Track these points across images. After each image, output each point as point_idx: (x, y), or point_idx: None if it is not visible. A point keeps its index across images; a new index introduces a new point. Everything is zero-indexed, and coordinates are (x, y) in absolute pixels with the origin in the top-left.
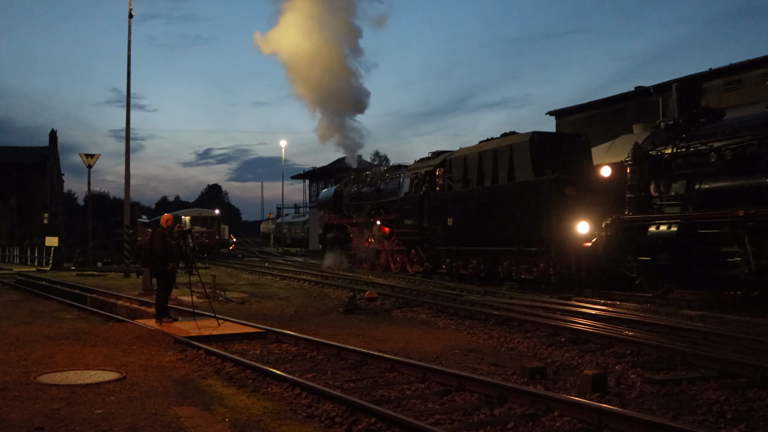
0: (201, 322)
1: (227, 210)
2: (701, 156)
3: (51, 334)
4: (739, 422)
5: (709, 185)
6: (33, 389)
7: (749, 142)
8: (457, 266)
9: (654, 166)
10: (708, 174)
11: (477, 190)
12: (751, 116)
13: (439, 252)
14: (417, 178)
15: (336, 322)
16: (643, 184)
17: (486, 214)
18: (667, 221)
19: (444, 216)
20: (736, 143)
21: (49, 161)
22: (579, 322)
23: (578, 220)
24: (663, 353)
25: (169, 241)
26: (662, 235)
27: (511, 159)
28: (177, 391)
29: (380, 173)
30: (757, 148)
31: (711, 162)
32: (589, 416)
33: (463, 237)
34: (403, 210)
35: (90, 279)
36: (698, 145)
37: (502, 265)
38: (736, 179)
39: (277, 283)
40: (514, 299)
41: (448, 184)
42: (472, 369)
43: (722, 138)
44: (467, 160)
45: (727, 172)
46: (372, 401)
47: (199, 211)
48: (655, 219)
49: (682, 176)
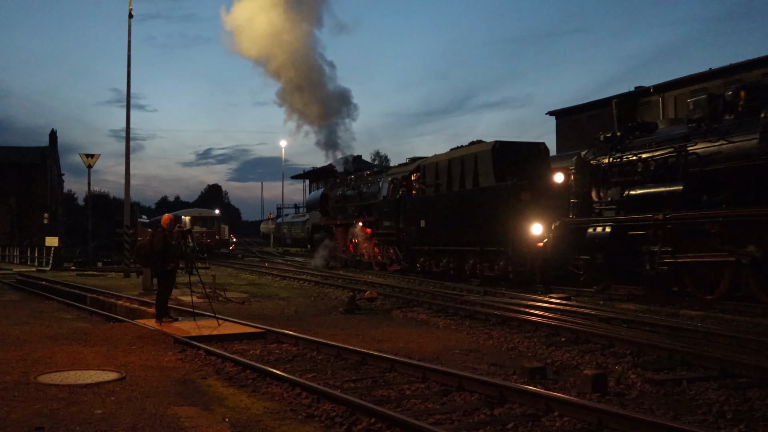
0: (201, 322)
1: (227, 210)
2: (632, 165)
3: (51, 334)
4: (739, 422)
5: (636, 191)
6: (33, 389)
7: (670, 153)
8: (430, 264)
9: (594, 175)
10: (636, 182)
11: (446, 195)
12: (673, 130)
13: (414, 251)
14: (394, 183)
15: (336, 322)
16: (585, 191)
17: (453, 216)
18: (602, 224)
19: (418, 218)
20: (660, 155)
21: (49, 161)
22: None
23: (532, 222)
24: (663, 353)
25: (170, 241)
26: (598, 236)
27: (476, 166)
28: (177, 391)
29: (363, 177)
30: (676, 159)
31: (639, 171)
32: (589, 416)
33: (435, 237)
34: (382, 212)
35: (90, 279)
36: (630, 156)
37: (468, 264)
38: (658, 186)
39: (277, 283)
40: (515, 299)
41: (421, 188)
42: (472, 369)
43: (649, 150)
44: (438, 166)
45: (652, 180)
46: (372, 401)
47: (199, 211)
48: (592, 222)
49: (616, 183)
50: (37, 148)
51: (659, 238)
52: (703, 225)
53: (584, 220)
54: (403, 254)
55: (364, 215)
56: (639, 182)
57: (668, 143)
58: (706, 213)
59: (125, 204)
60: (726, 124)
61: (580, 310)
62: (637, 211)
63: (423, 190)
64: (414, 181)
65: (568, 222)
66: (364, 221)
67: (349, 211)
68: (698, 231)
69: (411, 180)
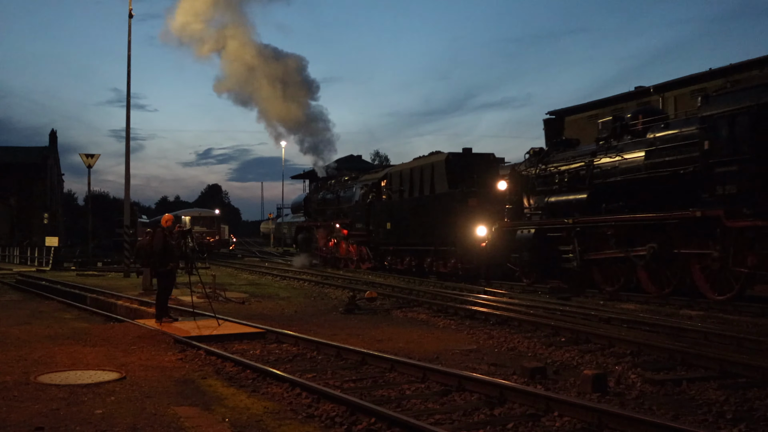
0: (201, 322)
1: (227, 210)
2: (552, 177)
3: (51, 334)
4: (739, 422)
5: (554, 199)
6: (33, 389)
7: (580, 167)
8: (395, 262)
9: (524, 184)
10: (555, 191)
11: (407, 200)
12: (586, 147)
13: (382, 251)
14: (366, 188)
15: (336, 322)
16: (517, 198)
17: (414, 219)
18: (528, 227)
19: (384, 221)
20: (573, 168)
21: (49, 161)
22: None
23: (478, 224)
24: (663, 353)
25: (170, 241)
26: (525, 237)
27: (433, 175)
28: (177, 391)
29: (341, 182)
30: (585, 172)
31: (557, 182)
32: (589, 416)
33: (398, 238)
34: (355, 215)
35: (90, 279)
36: (552, 169)
37: (426, 261)
38: (569, 195)
39: (277, 283)
40: (514, 299)
41: (388, 194)
42: (472, 369)
43: (566, 163)
44: (402, 174)
45: (567, 189)
46: (372, 401)
47: (199, 211)
48: (520, 225)
49: (541, 192)
50: (37, 148)
51: (572, 239)
52: (602, 228)
53: (515, 223)
54: (373, 253)
55: (341, 217)
56: (557, 191)
57: (581, 158)
58: (603, 218)
59: (125, 204)
60: (624, 143)
61: (580, 310)
62: (555, 216)
63: (390, 195)
64: (383, 187)
65: (503, 225)
66: (340, 223)
67: (327, 214)
68: (599, 233)
69: (380, 186)
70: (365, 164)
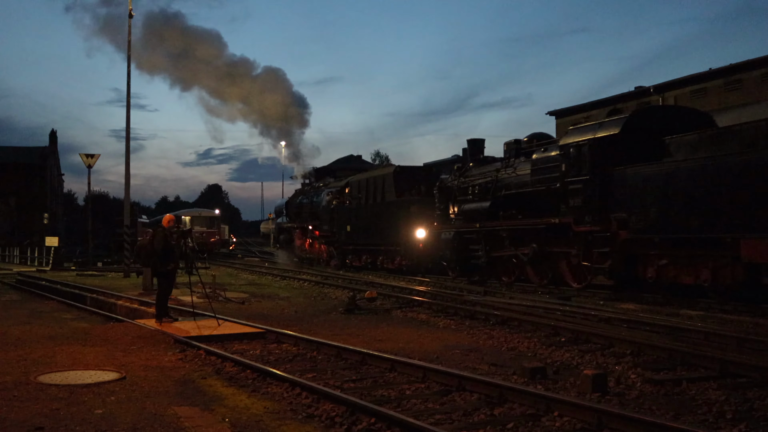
0: (201, 322)
1: (227, 210)
2: (467, 188)
3: (51, 334)
4: (739, 422)
5: (468, 207)
6: (33, 389)
7: (488, 181)
8: (354, 260)
9: (448, 194)
10: (468, 200)
11: (363, 206)
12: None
13: (344, 250)
14: (331, 195)
15: (336, 322)
16: (443, 206)
17: (369, 223)
18: (449, 230)
19: (345, 224)
20: (483, 181)
21: (49, 161)
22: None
23: (417, 228)
24: (663, 353)
25: (170, 241)
26: (446, 239)
27: (384, 185)
28: (177, 391)
29: (315, 188)
30: (491, 184)
31: (470, 192)
32: (589, 416)
33: (356, 239)
34: (322, 218)
35: (90, 279)
36: (468, 181)
37: (378, 259)
38: (477, 203)
39: (277, 283)
40: (515, 299)
41: (349, 200)
42: (472, 369)
43: (479, 178)
44: (360, 183)
45: (477, 199)
46: (372, 401)
47: (200, 211)
48: (444, 228)
49: (460, 201)
50: (37, 148)
51: (480, 240)
52: (500, 232)
53: (441, 227)
54: (337, 252)
55: (314, 220)
56: (470, 200)
57: (489, 173)
58: (500, 223)
59: (125, 204)
60: (519, 162)
61: (580, 310)
62: (469, 221)
63: (350, 202)
64: (346, 194)
65: (433, 228)
66: (313, 225)
67: (303, 216)
68: (498, 236)
69: (344, 193)
70: (365, 164)
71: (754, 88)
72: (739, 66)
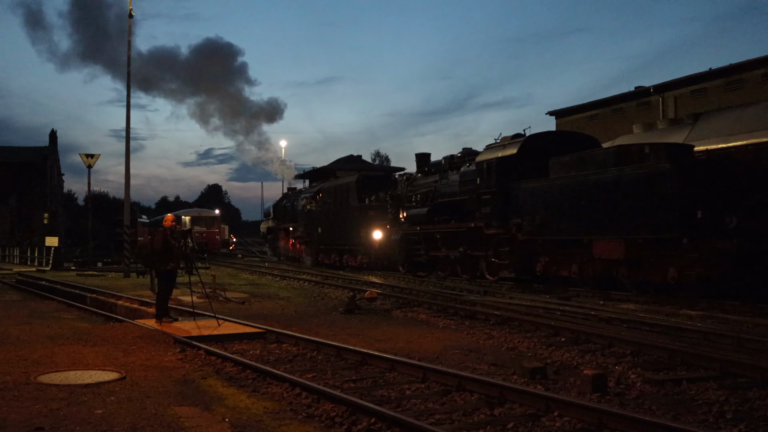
0: (201, 322)
1: (227, 210)
2: (412, 195)
3: (51, 334)
4: (739, 422)
5: (411, 212)
6: (33, 389)
7: (429, 190)
8: (325, 258)
9: (399, 201)
10: (412, 206)
11: (332, 210)
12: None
13: (316, 249)
14: (306, 200)
15: (336, 322)
16: (395, 211)
17: (336, 225)
18: (397, 232)
19: (317, 226)
20: (425, 190)
21: (49, 161)
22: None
23: (375, 230)
24: (663, 353)
25: (171, 241)
26: (395, 239)
27: (348, 192)
28: (177, 391)
29: (296, 192)
30: (430, 193)
31: (413, 199)
32: (589, 416)
33: (326, 240)
34: (300, 221)
35: (90, 279)
36: (413, 191)
37: (344, 258)
38: (419, 209)
39: (277, 283)
40: (515, 299)
41: (321, 205)
42: (472, 369)
43: (422, 187)
44: (329, 189)
45: (419, 205)
46: (372, 401)
47: (200, 211)
48: (394, 231)
49: (407, 207)
50: (37, 148)
51: (421, 241)
52: (434, 234)
53: (392, 229)
54: (311, 251)
55: (294, 222)
56: (414, 206)
57: (430, 183)
58: (434, 227)
59: (125, 204)
60: (452, 174)
61: (580, 310)
62: (412, 225)
63: (322, 206)
64: (318, 199)
65: (386, 230)
66: (294, 227)
67: (286, 219)
68: (434, 238)
69: (317, 198)
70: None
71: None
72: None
